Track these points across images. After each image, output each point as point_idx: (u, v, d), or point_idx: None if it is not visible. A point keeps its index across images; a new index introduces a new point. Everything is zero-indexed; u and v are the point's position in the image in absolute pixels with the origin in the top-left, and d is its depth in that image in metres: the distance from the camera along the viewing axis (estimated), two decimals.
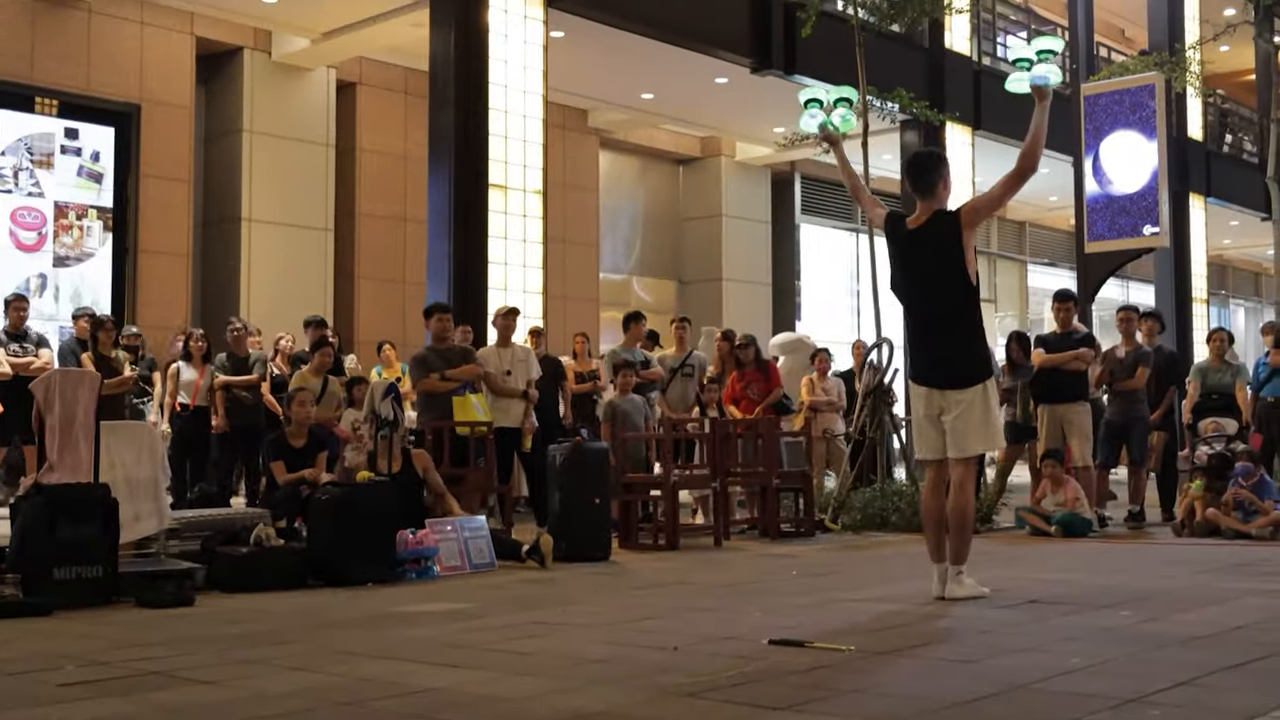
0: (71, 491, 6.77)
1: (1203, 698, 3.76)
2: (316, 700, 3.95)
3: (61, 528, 6.45)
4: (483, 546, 8.21)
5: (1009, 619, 5.45)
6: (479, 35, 12.45)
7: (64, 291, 13.58)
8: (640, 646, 4.91)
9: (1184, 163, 21.51)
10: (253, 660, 4.75)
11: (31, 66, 13.40)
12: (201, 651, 4.97)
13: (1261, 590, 6.25)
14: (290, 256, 15.31)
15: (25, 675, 4.52)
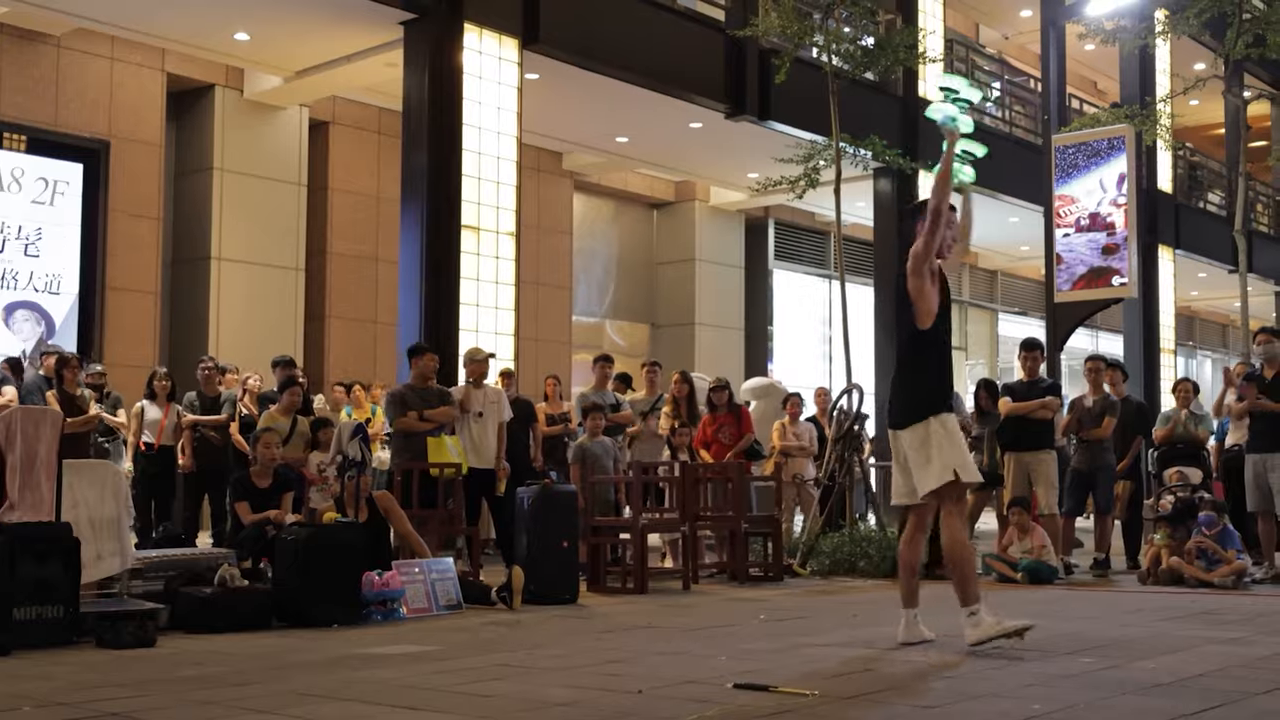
0: (33, 530, 6.74)
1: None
2: None
3: (22, 566, 6.41)
4: (449, 589, 8.21)
5: (972, 665, 5.48)
6: (453, 76, 12.52)
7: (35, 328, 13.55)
8: (604, 690, 4.91)
9: (1153, 214, 21.73)
10: (212, 702, 4.73)
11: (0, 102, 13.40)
12: (161, 693, 4.96)
13: (1221, 639, 6.29)
14: (260, 295, 15.30)
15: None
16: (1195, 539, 9.60)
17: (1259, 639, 6.33)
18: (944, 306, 6.05)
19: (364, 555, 7.83)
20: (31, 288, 13.53)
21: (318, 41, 13.65)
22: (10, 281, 13.35)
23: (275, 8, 12.58)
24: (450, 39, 12.54)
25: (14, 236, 13.40)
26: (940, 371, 6.11)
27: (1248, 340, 11.88)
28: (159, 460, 11.32)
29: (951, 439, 5.92)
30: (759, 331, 21.10)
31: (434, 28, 12.53)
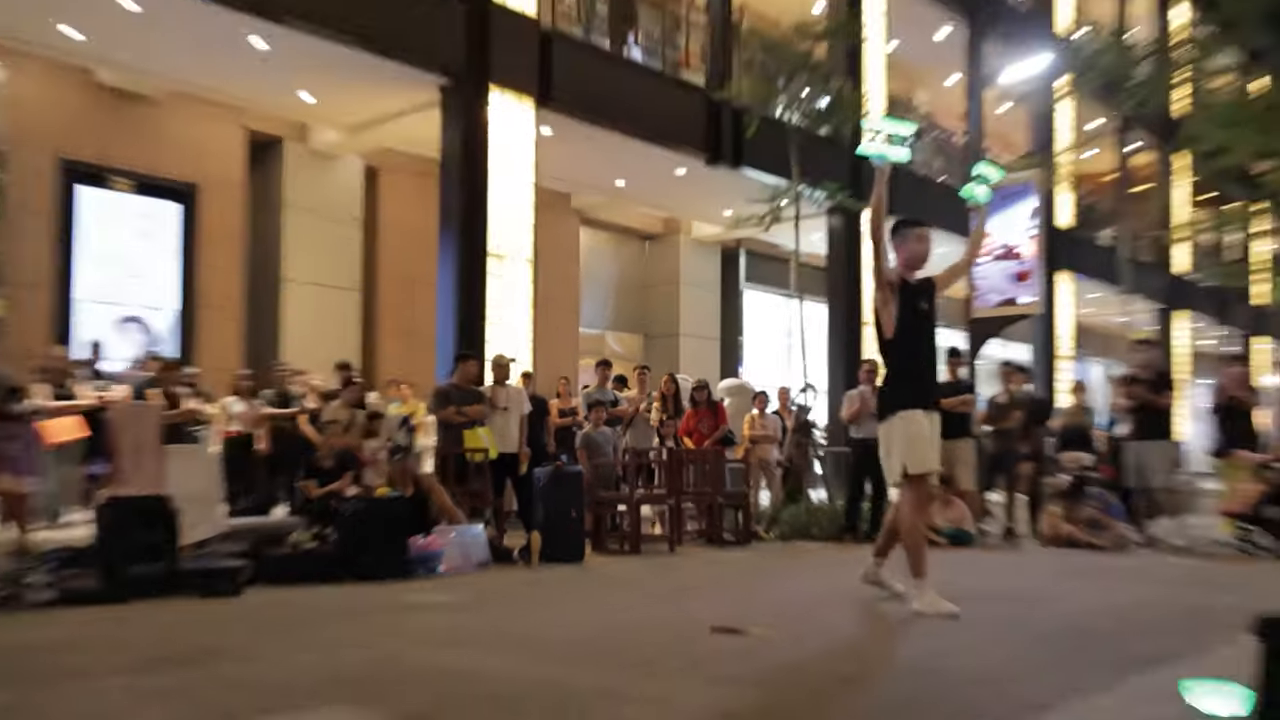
0: (141, 502, 6.82)
1: (1052, 674, 3.85)
2: (338, 673, 4.01)
3: (134, 531, 6.49)
4: (480, 550, 8.26)
5: (903, 612, 5.49)
6: (481, 130, 12.55)
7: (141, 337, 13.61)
8: (606, 631, 4.97)
9: (1055, 245, 21.76)
10: (289, 640, 4.80)
11: (109, 151, 13.42)
12: (247, 634, 5.02)
13: (1103, 589, 6.37)
14: (323, 311, 15.32)
15: (107, 651, 4.57)
16: (1086, 510, 9.72)
17: (1136, 591, 6.42)
18: (912, 314, 5.71)
19: (410, 523, 7.89)
20: (138, 305, 13.58)
21: (371, 102, 13.68)
22: (121, 299, 13.41)
23: (336, 74, 12.61)
24: (479, 100, 12.57)
25: (121, 263, 13.45)
26: (904, 374, 5.76)
27: (1130, 349, 11.97)
28: (241, 445, 11.34)
29: (905, 435, 5.62)
30: (732, 341, 21.09)
31: (466, 91, 12.55)
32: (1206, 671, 3.64)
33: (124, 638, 4.91)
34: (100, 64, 12.80)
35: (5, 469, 7.56)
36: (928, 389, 5.79)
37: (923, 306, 5.73)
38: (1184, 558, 8.84)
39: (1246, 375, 10.62)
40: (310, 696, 3.63)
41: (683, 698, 3.53)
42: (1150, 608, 5.66)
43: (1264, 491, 8.90)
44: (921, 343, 5.77)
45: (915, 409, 5.62)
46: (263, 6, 10.88)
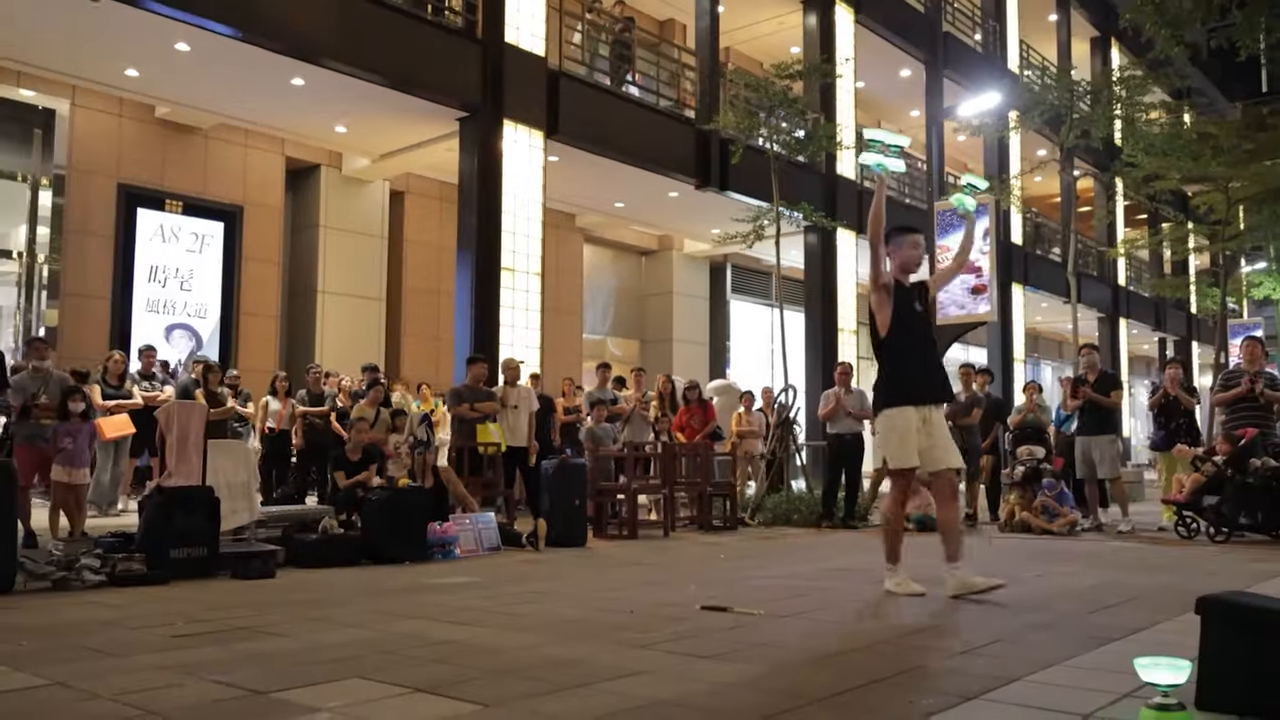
0: (185, 492, 6.74)
1: (1014, 649, 3.79)
2: (363, 648, 3.91)
3: (177, 519, 6.39)
4: (492, 535, 8.17)
5: (877, 592, 5.44)
6: (495, 158, 12.50)
7: (188, 343, 13.53)
8: (606, 611, 4.87)
9: (1009, 259, 21.79)
10: (317, 619, 4.69)
11: (163, 177, 13.37)
12: (278, 612, 4.91)
13: (1059, 572, 6.28)
14: (353, 319, 15.25)
15: (147, 629, 4.46)
16: (1040, 498, 9.65)
17: (1086, 573, 6.33)
18: (905, 315, 5.32)
19: (429, 511, 7.79)
20: (185, 313, 13.48)
21: (396, 132, 13.64)
22: (170, 309, 13.31)
23: (366, 108, 12.55)
24: (493, 131, 12.52)
25: (173, 276, 13.36)
26: (895, 372, 5.34)
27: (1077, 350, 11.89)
28: (278, 440, 11.28)
29: (888, 430, 5.25)
30: (720, 345, 21.06)
31: (481, 123, 12.50)
32: (1154, 646, 3.58)
33: (164, 617, 4.79)
34: (157, 99, 12.75)
35: (62, 462, 7.49)
36: (921, 386, 5.32)
37: (916, 308, 5.38)
38: (1130, 542, 8.76)
39: (1183, 376, 10.54)
40: (334, 670, 3.52)
41: (674, 670, 3.45)
42: (1103, 589, 5.54)
43: (1201, 482, 8.80)
44: (914, 342, 5.37)
45: (905, 405, 5.23)
46: (302, 50, 10.85)
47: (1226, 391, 9.49)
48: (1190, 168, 18.28)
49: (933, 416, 5.30)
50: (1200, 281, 27.92)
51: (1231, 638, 2.74)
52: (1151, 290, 28.52)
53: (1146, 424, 16.63)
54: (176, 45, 10.65)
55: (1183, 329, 32.56)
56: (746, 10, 18.22)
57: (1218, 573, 6.24)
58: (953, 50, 21.40)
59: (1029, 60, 24.56)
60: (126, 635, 4.32)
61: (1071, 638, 4.00)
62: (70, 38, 10.60)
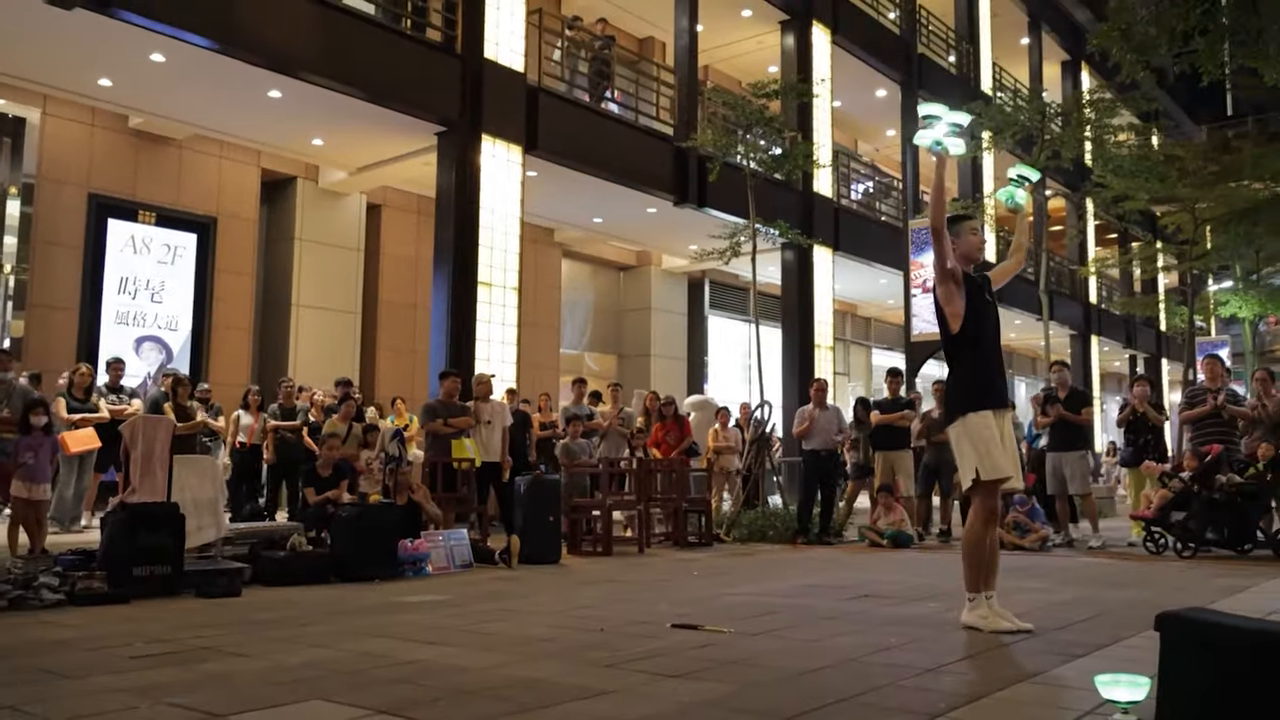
0: (149, 508, 6.60)
1: (982, 666, 3.79)
2: (326, 669, 3.82)
3: (140, 536, 6.26)
4: (464, 552, 8.08)
5: (849, 608, 5.41)
6: (473, 172, 12.41)
7: (158, 355, 13.34)
8: (576, 629, 4.79)
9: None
10: (281, 639, 4.59)
11: (135, 188, 13.19)
12: (242, 632, 4.80)
13: (1030, 588, 6.26)
14: (327, 332, 15.09)
15: (104, 650, 4.35)
16: (1011, 514, 9.63)
17: (1057, 589, 6.33)
18: (979, 308, 4.77)
19: (400, 527, 7.69)
20: (156, 325, 13.28)
21: (374, 146, 13.54)
22: (140, 320, 13.11)
23: (343, 121, 12.45)
24: (472, 145, 12.44)
25: (144, 287, 13.17)
26: (972, 371, 4.77)
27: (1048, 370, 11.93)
28: (249, 455, 11.11)
29: (973, 439, 4.62)
30: (697, 361, 21.00)
31: (459, 137, 12.42)
32: (1119, 663, 3.59)
33: (123, 637, 4.66)
34: (132, 110, 12.62)
35: (23, 477, 7.32)
36: (1000, 387, 4.81)
37: (988, 298, 4.82)
38: (1100, 557, 8.77)
39: (1151, 393, 10.59)
40: (296, 692, 3.43)
41: (643, 690, 3.39)
42: (1072, 604, 5.53)
43: (1169, 498, 8.84)
44: (988, 337, 4.80)
45: (985, 409, 4.64)
46: (279, 62, 10.77)
47: (1191, 409, 9.60)
48: (1158, 189, 18.57)
49: (1006, 426, 4.75)
50: (1169, 300, 28.21)
51: (1190, 655, 2.75)
52: (1122, 308, 28.80)
53: (1118, 438, 16.82)
54: (152, 56, 10.52)
55: (1152, 346, 32.87)
56: (725, 30, 18.27)
57: (1184, 588, 6.27)
58: (927, 72, 21.55)
59: (1002, 82, 24.77)
60: (83, 656, 4.21)
61: (1039, 654, 3.99)
62: (43, 46, 10.44)
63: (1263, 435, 8.95)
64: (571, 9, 17.13)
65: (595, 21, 16.16)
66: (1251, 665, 2.62)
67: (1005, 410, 4.80)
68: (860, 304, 24.73)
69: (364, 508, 7.79)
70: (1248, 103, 35.17)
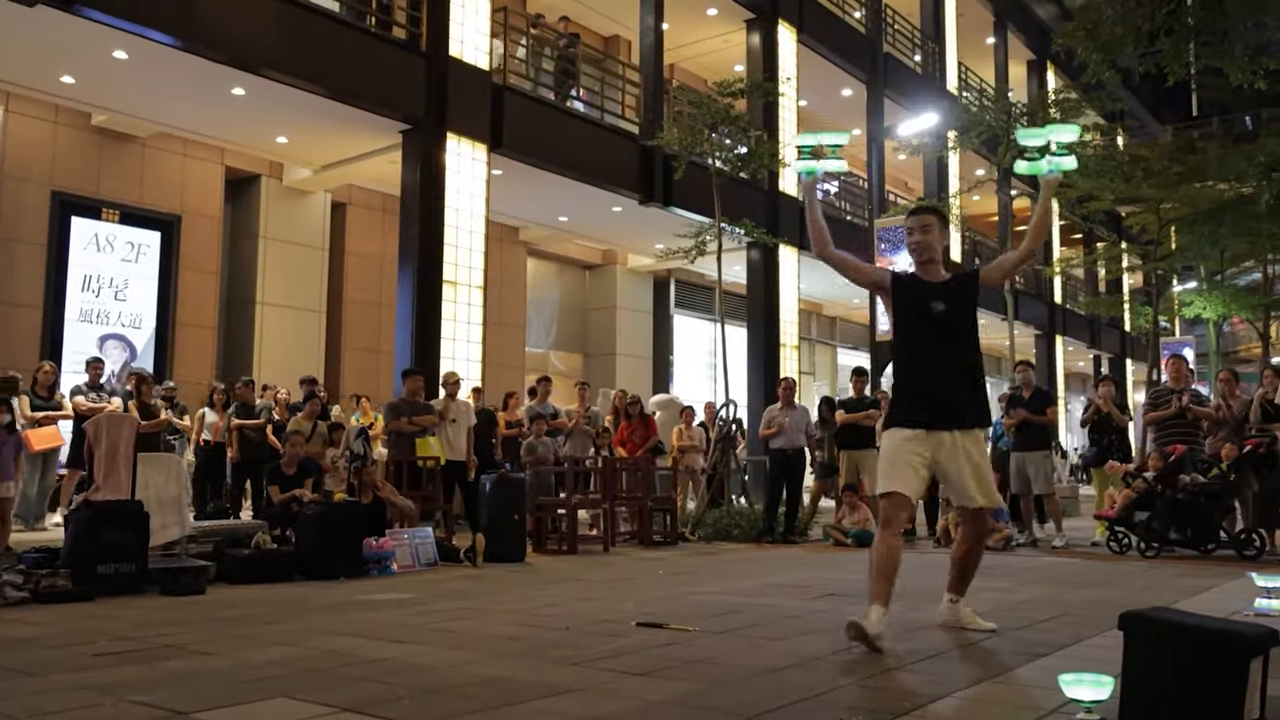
0: (113, 506, 6.61)
1: (946, 665, 3.83)
2: (291, 667, 3.85)
3: (104, 534, 6.28)
4: (429, 550, 8.10)
5: (814, 607, 5.48)
6: (438, 171, 12.40)
7: (122, 353, 13.24)
8: (541, 627, 4.83)
9: None
10: (246, 636, 4.61)
11: (99, 185, 13.06)
12: (206, 630, 4.82)
13: (993, 588, 6.31)
14: (292, 331, 15.01)
15: (68, 648, 4.36)
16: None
17: (1020, 588, 6.38)
18: (914, 317, 4.45)
19: (365, 525, 7.70)
20: (120, 323, 13.16)
21: (339, 144, 13.49)
22: (104, 318, 12.98)
23: (308, 118, 12.39)
24: (437, 143, 12.43)
25: (107, 285, 13.04)
26: (901, 387, 4.53)
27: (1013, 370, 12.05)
28: (213, 453, 11.06)
29: (881, 454, 4.52)
30: (663, 360, 21.07)
31: (425, 135, 12.40)
32: (1082, 662, 3.63)
33: (86, 635, 4.66)
34: (94, 107, 12.50)
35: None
36: (923, 406, 4.37)
37: (935, 308, 4.37)
38: (1063, 557, 8.85)
39: (1115, 393, 10.73)
40: (260, 689, 3.46)
41: (608, 688, 3.43)
42: (1036, 604, 5.60)
43: (1132, 498, 8.90)
44: (923, 350, 4.43)
45: (900, 428, 4.37)
46: (243, 59, 10.72)
47: (1156, 410, 9.64)
48: (1123, 189, 18.74)
49: (957, 445, 4.34)
50: (1134, 300, 28.55)
51: (1154, 654, 2.79)
52: (1087, 308, 29.04)
53: (1082, 439, 17.06)
54: (114, 53, 10.43)
55: (1117, 346, 33.25)
56: (691, 28, 18.36)
57: (1147, 588, 6.33)
58: (893, 71, 21.74)
59: (967, 82, 25.02)
60: (46, 654, 4.21)
61: (1003, 653, 4.05)
62: (4, 43, 10.32)
63: (1227, 436, 9.00)
64: (536, 7, 17.15)
65: (558, 20, 16.18)
66: (1215, 664, 2.68)
67: (955, 430, 4.34)
68: (825, 303, 24.90)
69: (328, 506, 7.79)
70: (1213, 103, 35.58)
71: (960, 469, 4.35)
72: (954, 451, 4.34)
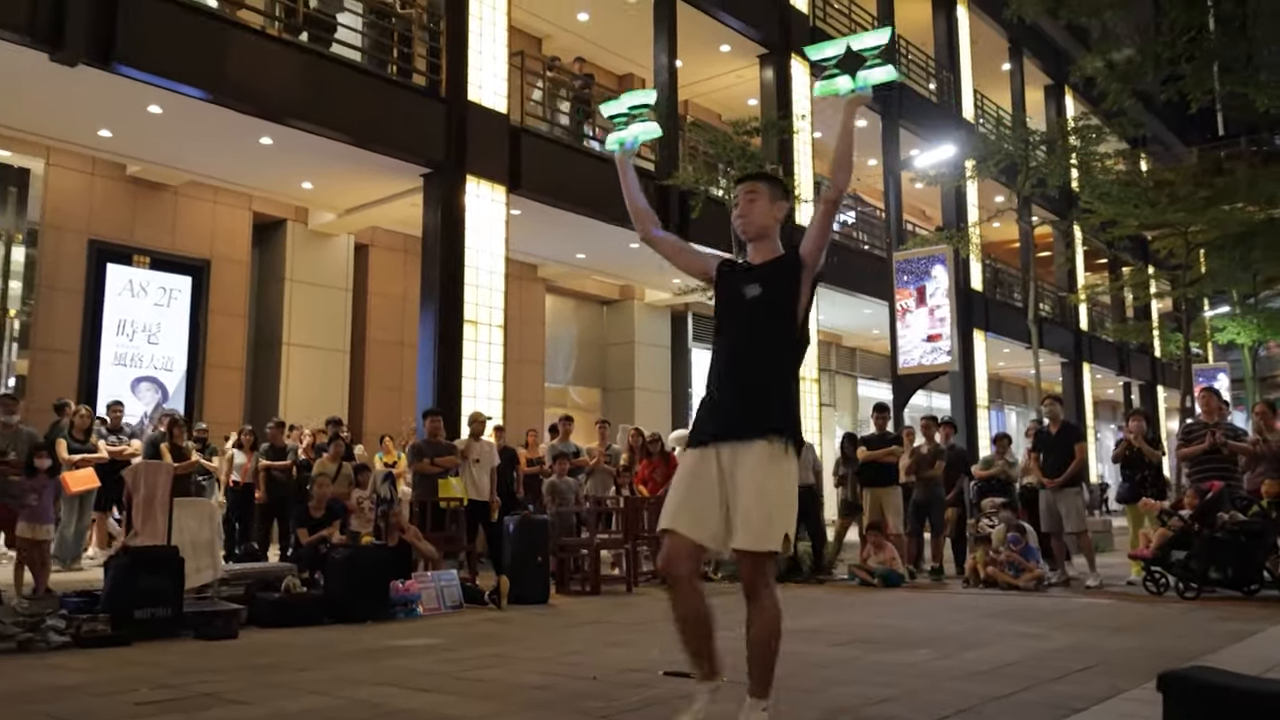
0: (150, 552, 6.83)
1: (982, 718, 3.80)
2: (325, 718, 3.96)
3: (142, 579, 6.48)
4: (454, 593, 8.23)
5: (840, 655, 5.42)
6: (459, 213, 12.63)
7: (154, 395, 13.59)
8: (569, 676, 4.90)
9: (969, 307, 21.92)
10: (280, 685, 4.74)
11: (133, 233, 13.47)
12: (242, 678, 4.96)
13: (1026, 634, 6.14)
14: (317, 371, 15.27)
15: (111, 696, 4.51)
16: (1005, 553, 9.45)
17: (1053, 634, 6.20)
18: (730, 307, 3.63)
19: (391, 568, 7.86)
20: (152, 366, 13.50)
21: (361, 188, 13.78)
22: (137, 361, 13.34)
23: (332, 164, 12.70)
24: (456, 186, 12.67)
25: (141, 330, 13.41)
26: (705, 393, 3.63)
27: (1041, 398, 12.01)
28: (242, 494, 11.31)
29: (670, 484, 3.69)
30: (682, 394, 21.10)
31: (445, 178, 12.65)
32: (1117, 719, 3.59)
33: (128, 682, 4.84)
34: (129, 158, 12.98)
35: (28, 518, 7.58)
36: (709, 416, 3.54)
37: (746, 293, 3.55)
38: (1098, 598, 8.64)
39: (1146, 428, 10.48)
40: None
41: None
42: (1069, 652, 5.47)
43: (1168, 536, 8.64)
44: (726, 345, 3.60)
45: (689, 449, 3.57)
46: (270, 110, 11.06)
47: (1189, 445, 9.38)
48: (1148, 215, 18.54)
49: (736, 460, 3.41)
50: (1163, 326, 28.18)
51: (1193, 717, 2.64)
52: (1114, 335, 28.51)
53: (1113, 471, 16.94)
54: (149, 107, 10.80)
55: (1148, 373, 32.49)
56: (704, 65, 18.60)
57: (1187, 635, 6.10)
58: (907, 101, 21.85)
59: (983, 109, 25.04)
60: (91, 703, 4.37)
61: (1034, 708, 3.96)
62: (47, 101, 10.76)
63: (1266, 471, 8.68)
64: (552, 48, 17.46)
65: (573, 61, 16.48)
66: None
67: (737, 442, 3.41)
68: (845, 334, 24.93)
69: (356, 549, 7.97)
70: (1240, 123, 34.97)
71: (735, 492, 3.38)
72: (733, 468, 3.40)
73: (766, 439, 3.37)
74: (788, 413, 3.48)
